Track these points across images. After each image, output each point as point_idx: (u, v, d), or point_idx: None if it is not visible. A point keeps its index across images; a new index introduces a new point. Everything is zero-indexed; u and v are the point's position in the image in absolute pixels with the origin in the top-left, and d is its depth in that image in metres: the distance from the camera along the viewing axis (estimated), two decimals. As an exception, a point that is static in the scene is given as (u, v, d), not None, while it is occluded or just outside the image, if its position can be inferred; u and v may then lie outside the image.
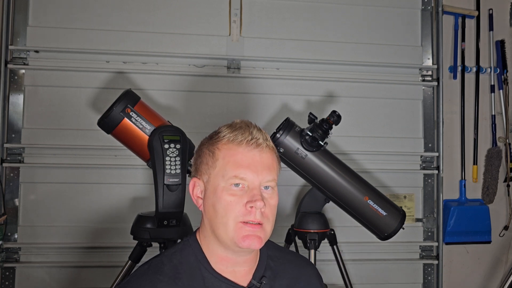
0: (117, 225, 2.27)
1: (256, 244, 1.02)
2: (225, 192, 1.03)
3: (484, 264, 2.70)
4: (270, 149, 1.08)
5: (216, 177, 1.05)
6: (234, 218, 1.02)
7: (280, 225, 2.25)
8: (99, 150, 2.25)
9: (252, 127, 1.08)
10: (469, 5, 2.69)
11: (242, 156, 1.04)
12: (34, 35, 2.25)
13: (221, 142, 1.07)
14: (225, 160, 1.05)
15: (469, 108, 2.68)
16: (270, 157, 1.08)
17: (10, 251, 2.22)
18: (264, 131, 1.10)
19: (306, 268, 1.22)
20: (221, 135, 1.08)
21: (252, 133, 1.06)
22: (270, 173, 1.06)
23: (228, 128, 1.09)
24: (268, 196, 1.05)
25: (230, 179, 1.03)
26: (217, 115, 2.36)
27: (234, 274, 1.08)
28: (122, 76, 2.31)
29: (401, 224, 1.89)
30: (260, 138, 1.06)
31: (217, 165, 1.06)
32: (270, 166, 1.07)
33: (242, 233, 1.01)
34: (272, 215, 1.06)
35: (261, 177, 1.04)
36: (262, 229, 1.03)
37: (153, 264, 1.08)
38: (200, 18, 2.38)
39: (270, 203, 1.05)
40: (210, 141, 1.10)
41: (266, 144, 1.07)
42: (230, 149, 1.05)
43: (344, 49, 2.48)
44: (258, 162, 1.04)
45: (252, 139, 1.05)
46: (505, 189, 2.70)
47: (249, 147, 1.05)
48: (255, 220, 1.02)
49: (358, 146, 2.47)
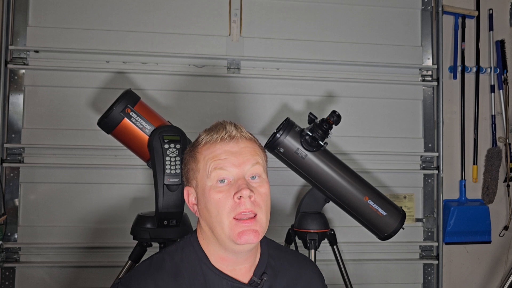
0: (117, 225, 2.27)
1: (253, 238, 1.02)
2: (213, 190, 1.04)
3: (484, 264, 2.70)
4: (247, 139, 1.09)
5: (202, 178, 1.06)
6: (227, 214, 1.02)
7: (280, 225, 2.26)
8: (99, 150, 2.25)
9: (226, 123, 1.10)
10: (469, 5, 2.69)
11: (219, 152, 1.05)
12: (34, 35, 2.25)
13: (200, 145, 1.09)
14: (205, 160, 1.06)
15: (469, 108, 2.68)
16: (249, 145, 1.08)
17: (10, 251, 2.22)
18: (240, 125, 1.11)
19: (307, 267, 1.22)
20: (199, 140, 1.10)
21: (226, 128, 1.08)
22: (250, 161, 1.06)
23: (204, 132, 1.11)
24: (256, 184, 1.05)
25: (212, 172, 1.04)
26: (217, 115, 2.36)
27: (235, 273, 1.09)
28: (122, 76, 2.32)
29: (401, 224, 1.89)
30: (234, 130, 1.08)
31: (200, 167, 1.07)
32: (251, 154, 1.07)
33: (237, 229, 1.01)
34: (265, 204, 1.05)
35: (243, 167, 1.04)
36: (256, 222, 1.02)
37: (155, 261, 1.09)
38: (200, 18, 2.38)
39: (260, 191, 1.05)
40: (191, 148, 1.13)
41: (240, 134, 1.08)
42: (208, 149, 1.07)
43: (344, 49, 2.48)
44: (237, 153, 1.05)
45: (226, 133, 1.07)
46: (505, 189, 2.70)
47: (224, 142, 1.06)
48: (246, 210, 1.01)
49: (358, 146, 2.47)
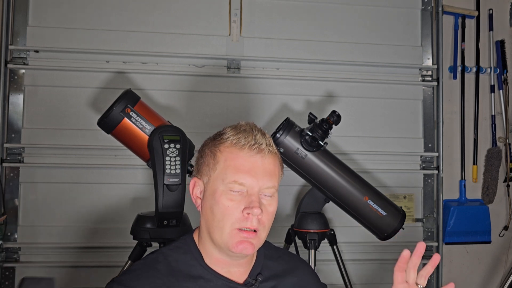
0: (117, 225, 2.27)
1: (248, 250, 1.02)
2: (224, 196, 1.02)
3: (484, 264, 2.70)
4: (272, 155, 1.06)
5: (216, 180, 1.04)
6: (231, 224, 1.01)
7: (280, 225, 2.25)
8: (99, 150, 2.25)
9: (256, 130, 1.06)
10: (469, 5, 2.69)
11: (243, 161, 1.03)
12: (34, 35, 2.25)
13: (224, 144, 1.05)
14: (226, 164, 1.03)
15: (469, 108, 2.68)
16: (272, 163, 1.06)
17: (10, 251, 2.22)
18: (268, 136, 1.08)
19: (302, 268, 1.22)
20: (225, 137, 1.06)
21: (256, 138, 1.04)
22: (270, 180, 1.04)
23: (232, 130, 1.07)
24: (267, 202, 1.04)
25: (229, 183, 1.02)
26: (217, 115, 2.37)
27: (230, 275, 1.08)
28: (122, 76, 2.31)
29: (401, 224, 1.89)
30: (263, 143, 1.04)
31: (217, 168, 1.05)
32: (271, 173, 1.05)
33: (236, 238, 1.01)
34: (269, 223, 1.05)
35: (261, 183, 1.03)
36: (256, 236, 1.02)
37: (149, 261, 1.08)
38: (200, 18, 2.38)
39: (268, 210, 1.04)
40: (213, 142, 1.09)
41: (268, 149, 1.05)
42: (231, 153, 1.04)
43: (344, 49, 2.48)
44: (259, 168, 1.03)
45: (254, 144, 1.03)
46: (505, 189, 2.70)
47: (251, 152, 1.03)
48: (251, 227, 1.01)
49: (358, 146, 2.47)
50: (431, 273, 1.00)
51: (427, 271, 0.99)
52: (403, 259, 0.99)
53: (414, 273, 1.00)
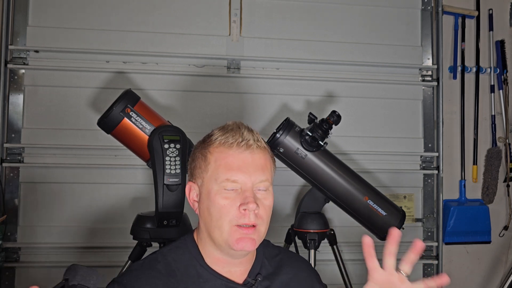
0: (117, 225, 2.27)
1: (249, 246, 1.03)
2: (219, 195, 1.03)
3: (484, 264, 2.70)
4: (261, 149, 1.08)
5: (209, 181, 1.06)
6: (229, 222, 1.02)
7: (280, 225, 2.25)
8: (99, 150, 2.25)
9: (243, 128, 1.08)
10: (469, 5, 2.70)
11: (233, 159, 1.04)
12: (34, 35, 2.25)
13: (213, 145, 1.07)
14: (217, 163, 1.05)
15: (469, 108, 2.68)
16: (263, 157, 1.08)
17: (10, 251, 2.22)
18: (256, 132, 1.10)
19: (302, 267, 1.22)
20: (213, 138, 1.08)
21: (243, 135, 1.06)
22: (263, 174, 1.06)
23: (219, 131, 1.09)
24: (262, 197, 1.05)
25: (222, 182, 1.03)
26: (217, 115, 2.37)
27: (230, 274, 1.09)
28: (122, 76, 2.31)
29: (401, 224, 1.89)
30: (251, 139, 1.06)
31: (209, 169, 1.06)
32: (262, 167, 1.06)
33: (236, 235, 1.02)
34: (267, 216, 1.06)
35: (253, 178, 1.04)
36: (256, 231, 1.04)
37: (148, 261, 1.09)
38: (200, 18, 2.38)
39: (265, 204, 1.06)
40: (202, 144, 1.11)
41: (257, 145, 1.07)
42: (221, 152, 1.06)
43: (344, 49, 2.48)
44: (250, 164, 1.05)
45: (242, 141, 1.05)
46: (505, 189, 2.70)
47: (240, 149, 1.05)
48: (249, 223, 1.02)
49: (358, 146, 2.47)
50: (415, 261, 0.98)
51: (409, 258, 0.97)
52: (365, 246, 1.00)
53: (390, 260, 0.98)
